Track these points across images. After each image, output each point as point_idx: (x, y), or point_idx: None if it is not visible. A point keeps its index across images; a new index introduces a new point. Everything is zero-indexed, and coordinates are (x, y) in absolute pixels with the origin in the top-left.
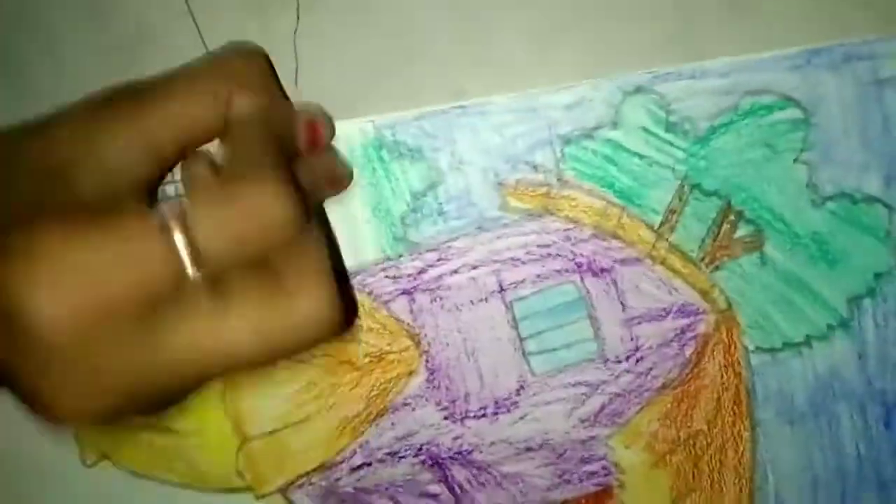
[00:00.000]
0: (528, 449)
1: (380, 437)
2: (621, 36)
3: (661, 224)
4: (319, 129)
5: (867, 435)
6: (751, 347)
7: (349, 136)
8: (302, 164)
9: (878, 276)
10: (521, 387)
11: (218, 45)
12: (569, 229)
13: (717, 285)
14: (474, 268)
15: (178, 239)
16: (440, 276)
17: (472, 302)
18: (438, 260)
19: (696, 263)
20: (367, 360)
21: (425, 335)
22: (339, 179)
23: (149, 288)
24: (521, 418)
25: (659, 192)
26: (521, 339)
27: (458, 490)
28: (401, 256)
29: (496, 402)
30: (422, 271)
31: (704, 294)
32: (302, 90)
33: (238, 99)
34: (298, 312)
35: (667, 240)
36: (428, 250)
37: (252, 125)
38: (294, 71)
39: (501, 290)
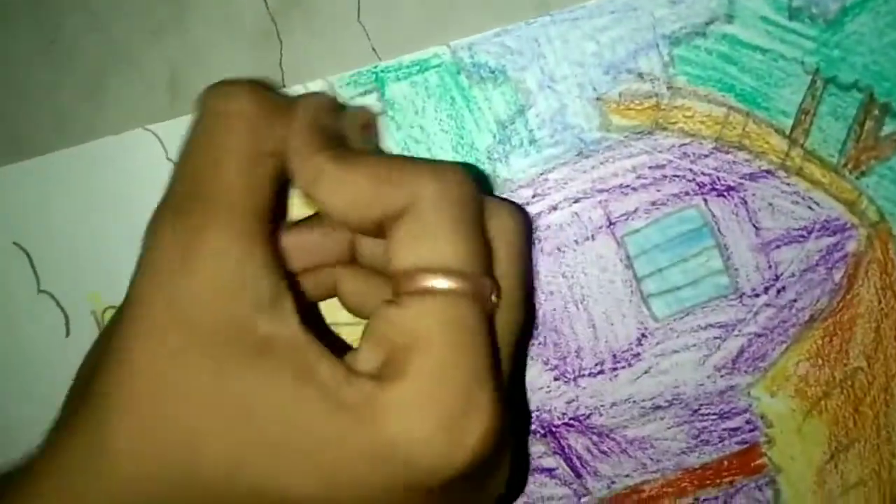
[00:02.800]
0: (656, 408)
1: None
2: None
3: (794, 128)
4: (374, 124)
5: None
6: None
7: (420, 63)
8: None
9: None
10: (643, 335)
11: None
12: (685, 144)
13: (865, 194)
14: (576, 201)
15: None
16: (538, 215)
17: (576, 241)
18: (534, 196)
19: (837, 170)
20: None
21: None
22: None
23: None
24: (646, 372)
25: (788, 91)
26: (638, 280)
27: (576, 462)
28: None
29: (614, 356)
30: None
31: (851, 206)
32: (366, 27)
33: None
34: None
35: (801, 146)
36: (521, 186)
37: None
38: (356, 7)
39: (610, 223)
